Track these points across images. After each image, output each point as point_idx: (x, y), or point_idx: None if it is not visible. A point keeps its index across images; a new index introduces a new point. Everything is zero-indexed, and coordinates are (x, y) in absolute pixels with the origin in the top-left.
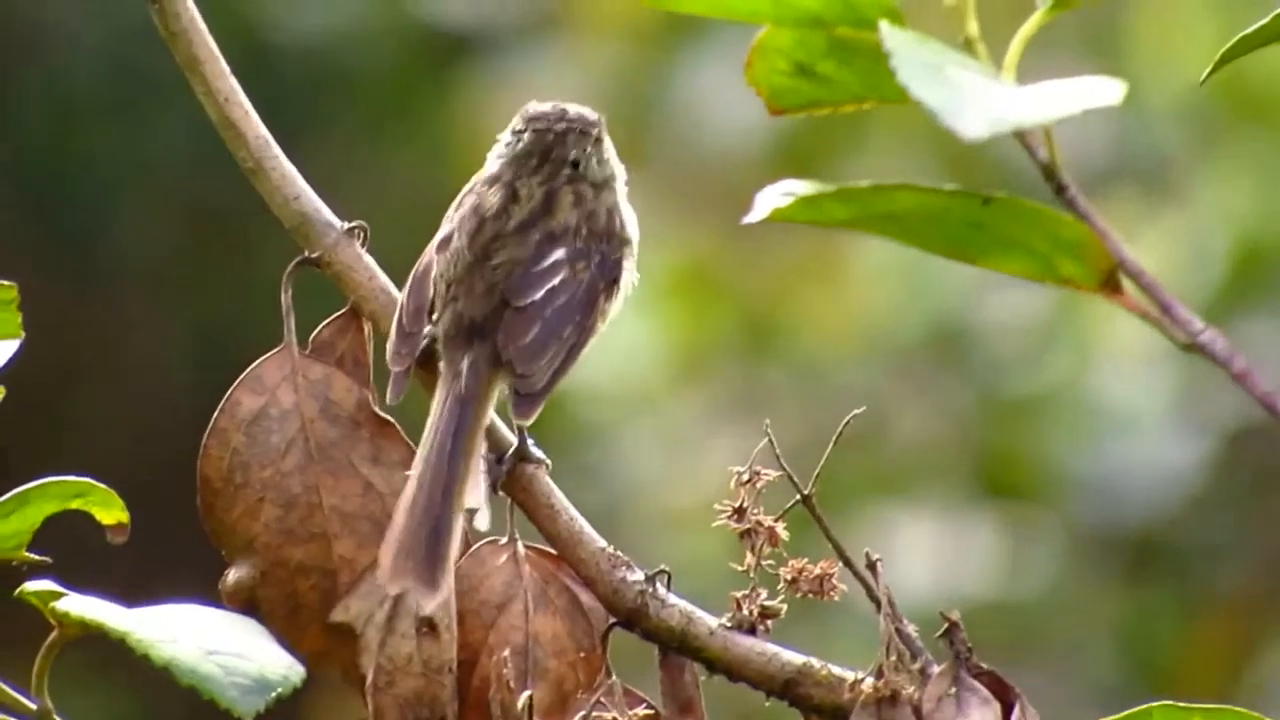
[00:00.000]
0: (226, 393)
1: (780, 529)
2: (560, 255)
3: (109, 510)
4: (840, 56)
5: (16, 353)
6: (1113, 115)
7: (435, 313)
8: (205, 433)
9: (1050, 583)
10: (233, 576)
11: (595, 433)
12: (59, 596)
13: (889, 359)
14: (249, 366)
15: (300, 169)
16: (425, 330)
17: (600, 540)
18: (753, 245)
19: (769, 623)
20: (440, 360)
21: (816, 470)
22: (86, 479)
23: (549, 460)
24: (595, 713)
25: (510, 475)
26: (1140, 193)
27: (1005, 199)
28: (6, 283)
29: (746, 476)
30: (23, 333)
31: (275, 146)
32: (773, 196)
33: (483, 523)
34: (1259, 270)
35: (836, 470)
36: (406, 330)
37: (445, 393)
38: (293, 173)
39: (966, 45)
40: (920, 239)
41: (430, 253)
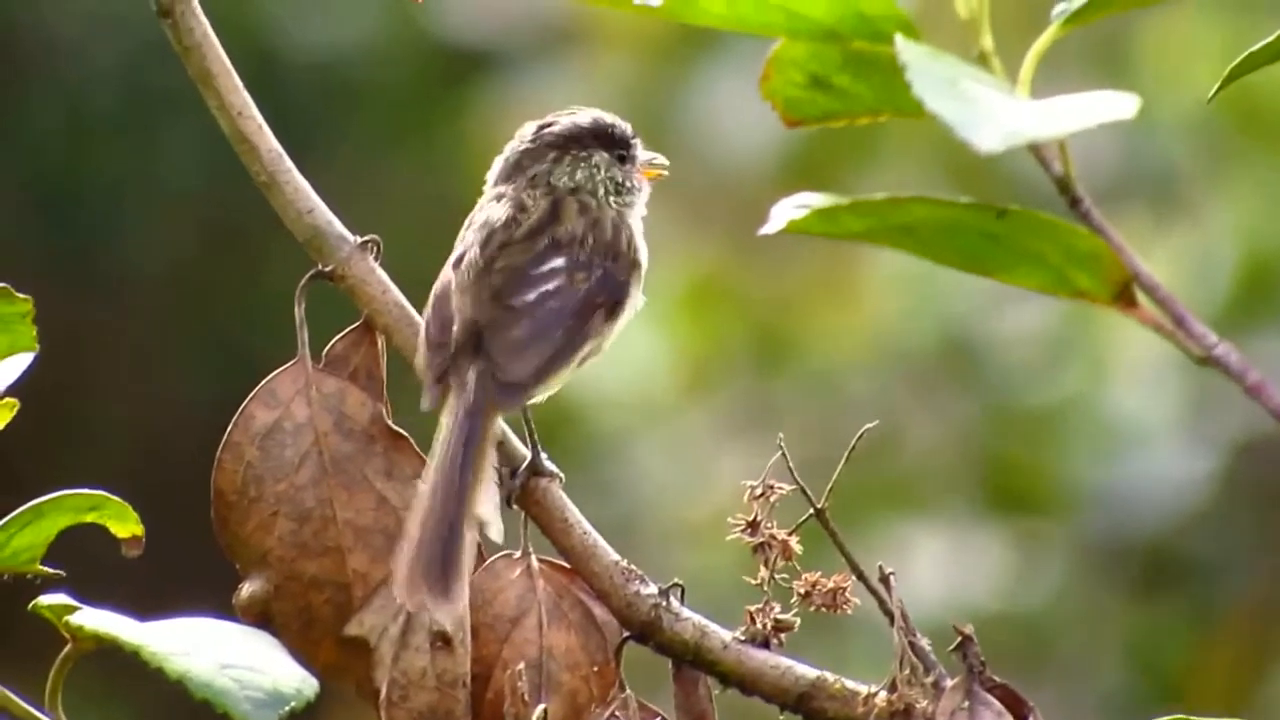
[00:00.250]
0: (240, 406)
1: (794, 543)
2: (560, 263)
3: (124, 523)
4: (855, 69)
5: (31, 366)
6: (1120, 130)
7: (453, 324)
8: (219, 446)
9: (1060, 595)
10: (246, 590)
11: (606, 445)
12: (73, 610)
13: (899, 371)
14: (262, 380)
15: (311, 183)
16: (450, 341)
17: (614, 554)
18: (764, 258)
19: (783, 636)
20: (450, 371)
21: (830, 484)
22: (101, 492)
23: (562, 474)
24: None
25: (524, 489)
26: (1148, 208)
27: (1020, 212)
28: (22, 296)
29: (760, 490)
30: (37, 346)
31: (288, 160)
32: (788, 209)
33: (495, 534)
34: (1266, 285)
35: (847, 482)
36: (436, 341)
37: (455, 404)
38: (306, 187)
39: (981, 59)
40: (935, 251)
41: (447, 270)
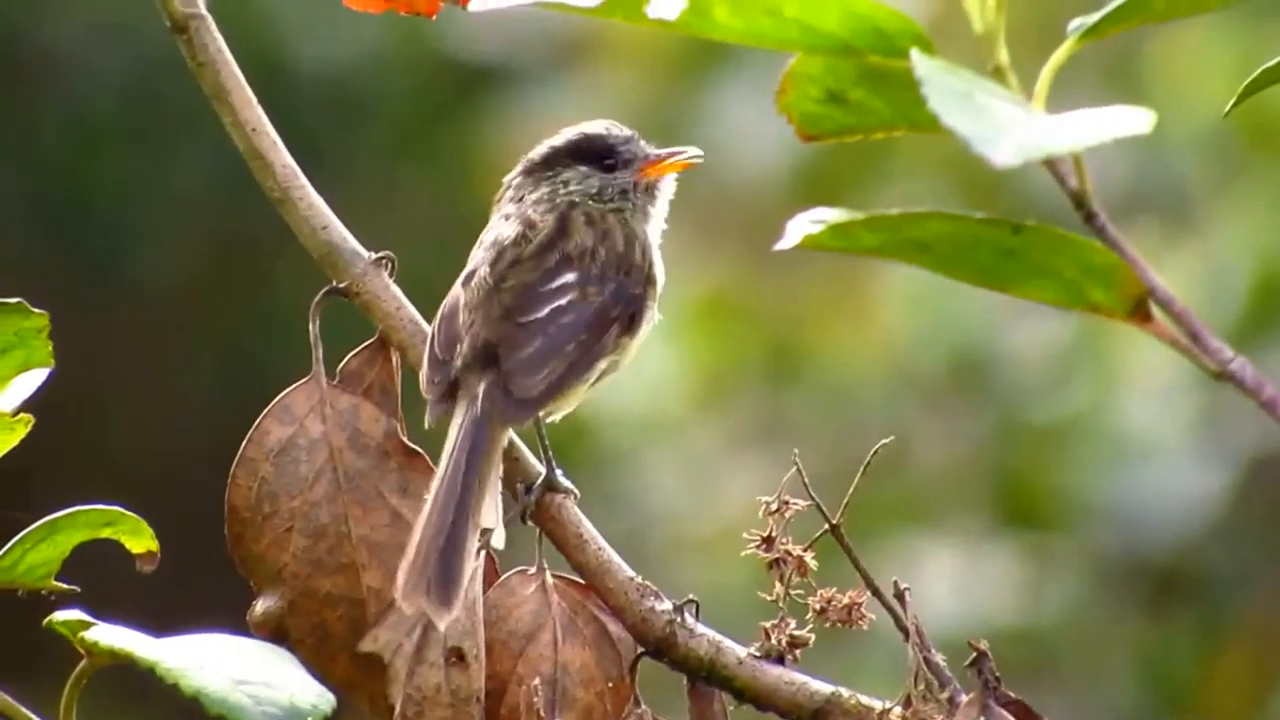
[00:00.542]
0: (254, 422)
1: (809, 558)
2: (571, 278)
3: (138, 539)
4: (871, 84)
5: (46, 381)
6: (1132, 145)
7: (461, 341)
8: (233, 462)
9: (1072, 610)
10: (261, 606)
11: (618, 459)
12: (88, 626)
13: (911, 387)
14: (275, 395)
15: (323, 198)
16: (455, 359)
17: (628, 569)
18: (776, 273)
19: (797, 652)
20: (460, 385)
21: (845, 500)
22: (116, 508)
23: (577, 490)
24: None
25: (539, 504)
26: (1159, 222)
27: (1035, 227)
28: (38, 311)
29: (775, 506)
30: (53, 361)
31: (302, 176)
32: (803, 224)
33: (499, 541)
34: (1278, 300)
35: (859, 497)
36: (440, 359)
37: (462, 415)
38: (320, 203)
39: (996, 74)
40: (950, 267)
41: (456, 288)
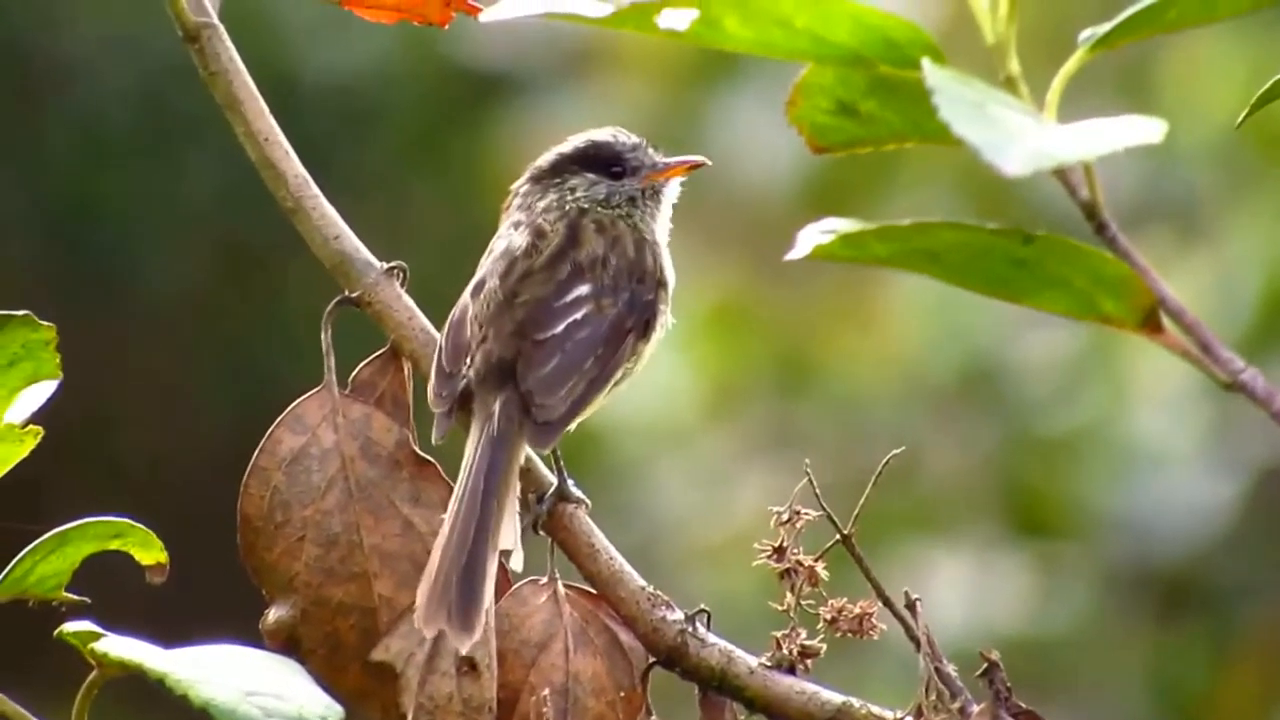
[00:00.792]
0: (266, 431)
1: (820, 568)
2: (584, 291)
3: (148, 551)
4: (882, 95)
5: (54, 393)
6: (1142, 155)
7: (470, 354)
8: (245, 472)
9: (1081, 620)
10: (273, 615)
11: (627, 469)
12: (98, 637)
13: (921, 397)
14: (287, 405)
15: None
16: (463, 371)
17: (640, 579)
18: (785, 282)
19: (809, 662)
20: (474, 401)
21: (856, 510)
22: (125, 519)
23: (589, 499)
24: None
25: (551, 514)
26: (1169, 232)
27: (1047, 237)
28: (45, 324)
29: (786, 516)
30: (61, 373)
31: (314, 186)
32: (814, 233)
33: (516, 563)
34: None
35: (869, 507)
36: (447, 372)
37: (479, 434)
38: (332, 212)
39: (1008, 84)
40: (961, 277)
41: (465, 297)
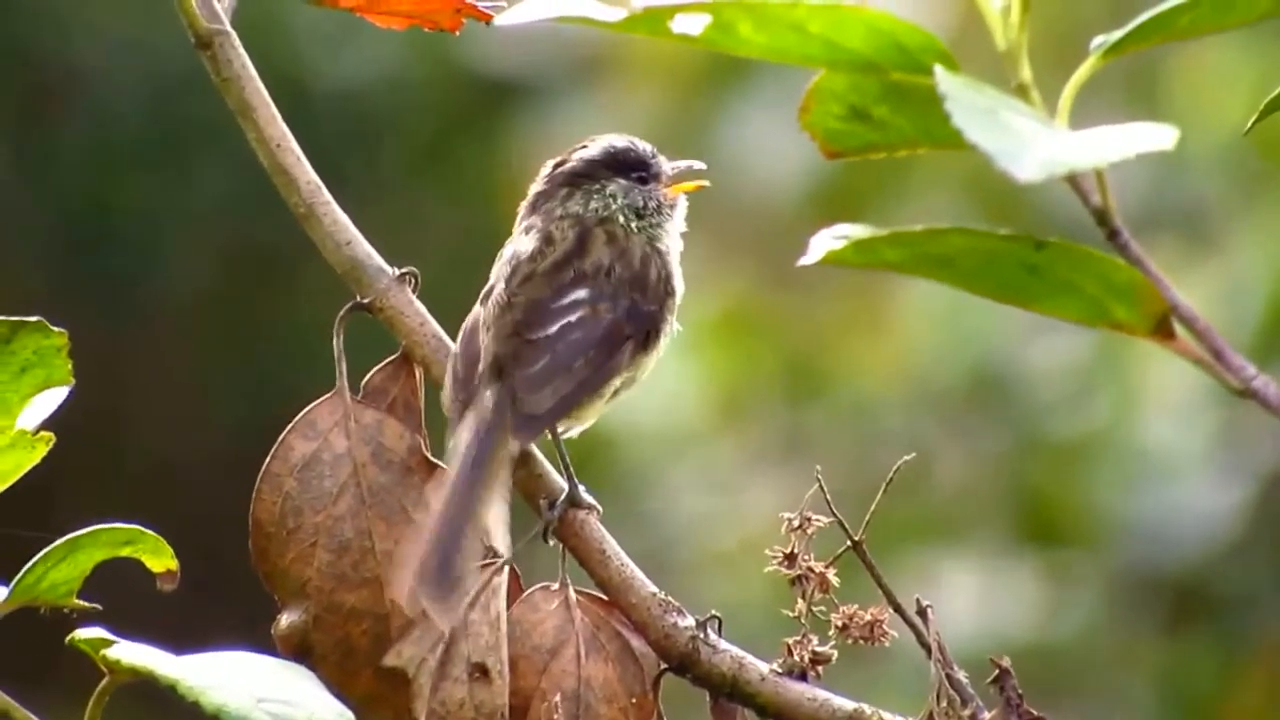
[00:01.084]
0: (279, 437)
1: (831, 575)
2: (582, 295)
3: (159, 558)
4: (894, 101)
5: (67, 399)
6: (1151, 162)
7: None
8: (257, 477)
9: (1091, 627)
10: (285, 621)
11: (637, 475)
12: (110, 644)
13: (931, 403)
14: (299, 411)
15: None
16: (476, 378)
17: (651, 586)
18: (795, 289)
19: (820, 668)
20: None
21: (867, 517)
22: (136, 526)
23: (600, 506)
24: None
25: (562, 521)
26: (1178, 239)
27: (1058, 243)
28: (58, 330)
29: (797, 523)
30: (73, 379)
31: (326, 192)
32: (826, 240)
33: (501, 545)
34: None
35: (879, 514)
36: (461, 378)
37: (470, 427)
38: (344, 219)
39: (1019, 90)
40: (972, 283)
41: (477, 306)
